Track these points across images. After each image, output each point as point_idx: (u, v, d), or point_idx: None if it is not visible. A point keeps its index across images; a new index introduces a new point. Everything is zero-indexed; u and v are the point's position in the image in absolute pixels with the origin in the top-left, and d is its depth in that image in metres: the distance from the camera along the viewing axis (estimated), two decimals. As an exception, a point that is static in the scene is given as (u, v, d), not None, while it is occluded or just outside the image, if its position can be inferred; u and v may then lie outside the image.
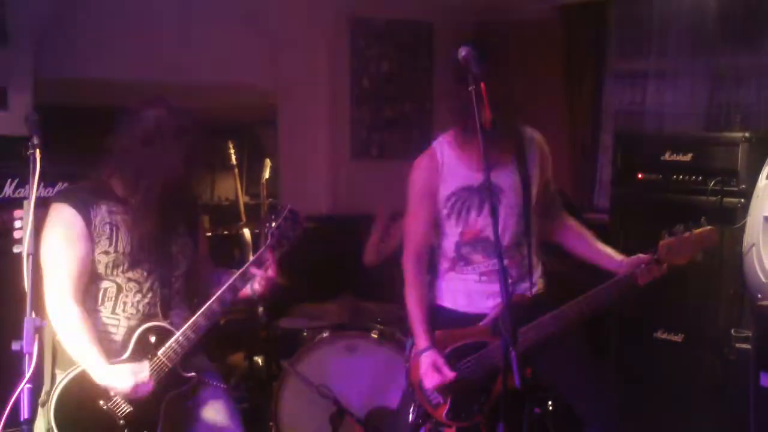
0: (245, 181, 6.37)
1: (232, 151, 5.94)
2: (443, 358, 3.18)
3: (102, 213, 2.99)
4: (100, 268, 2.98)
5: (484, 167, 2.76)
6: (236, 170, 5.93)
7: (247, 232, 5.65)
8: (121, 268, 3.00)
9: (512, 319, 2.65)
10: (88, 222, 2.95)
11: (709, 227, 3.23)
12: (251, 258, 3.18)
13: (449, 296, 3.38)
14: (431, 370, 3.16)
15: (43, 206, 2.84)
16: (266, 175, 5.44)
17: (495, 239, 2.75)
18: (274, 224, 3.20)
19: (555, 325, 3.19)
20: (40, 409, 2.86)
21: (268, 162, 5.47)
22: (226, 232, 5.69)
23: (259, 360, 4.78)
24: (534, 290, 3.32)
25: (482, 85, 2.70)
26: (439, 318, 3.34)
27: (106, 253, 2.97)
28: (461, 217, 3.28)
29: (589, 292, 3.23)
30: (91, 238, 2.95)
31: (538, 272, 3.39)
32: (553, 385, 3.51)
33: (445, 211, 3.30)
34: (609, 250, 3.38)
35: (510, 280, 3.23)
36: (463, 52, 2.76)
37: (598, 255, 3.39)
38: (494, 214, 2.79)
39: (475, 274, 3.31)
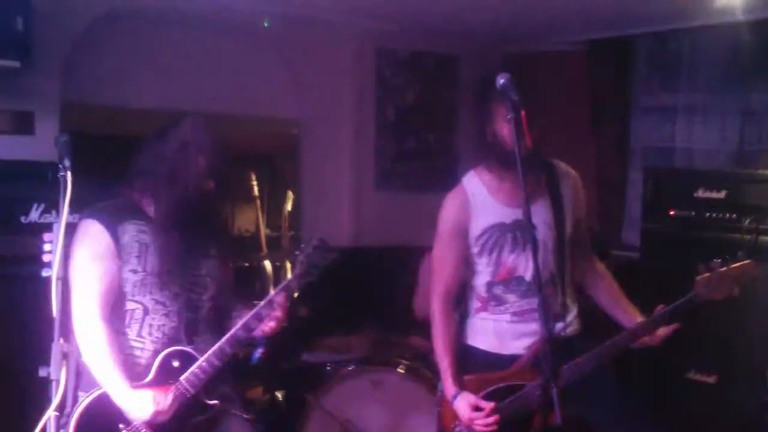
0: (266, 213, 6.31)
1: (254, 183, 5.88)
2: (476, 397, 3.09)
3: (131, 231, 2.97)
4: (128, 287, 2.95)
5: (523, 199, 2.65)
6: (258, 202, 5.86)
7: (268, 264, 5.58)
8: (148, 289, 2.96)
9: (553, 355, 2.56)
10: (115, 239, 2.94)
11: (747, 261, 3.16)
12: (273, 289, 3.14)
13: (481, 337, 3.26)
14: (472, 413, 3.05)
15: (68, 232, 2.80)
16: (288, 207, 5.39)
17: (535, 275, 2.67)
18: (303, 253, 3.14)
19: (588, 366, 3.09)
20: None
21: (290, 194, 5.42)
22: (247, 264, 5.61)
23: (279, 395, 4.69)
24: (568, 330, 3.21)
25: (522, 113, 2.64)
26: (470, 359, 3.24)
27: (134, 271, 2.95)
28: (493, 255, 3.18)
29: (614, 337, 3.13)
30: (119, 255, 2.93)
31: (573, 312, 3.28)
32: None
33: (476, 249, 3.21)
34: (630, 309, 3.29)
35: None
36: (501, 79, 2.68)
37: (618, 310, 3.31)
38: (534, 249, 2.69)
39: (508, 314, 3.20)
